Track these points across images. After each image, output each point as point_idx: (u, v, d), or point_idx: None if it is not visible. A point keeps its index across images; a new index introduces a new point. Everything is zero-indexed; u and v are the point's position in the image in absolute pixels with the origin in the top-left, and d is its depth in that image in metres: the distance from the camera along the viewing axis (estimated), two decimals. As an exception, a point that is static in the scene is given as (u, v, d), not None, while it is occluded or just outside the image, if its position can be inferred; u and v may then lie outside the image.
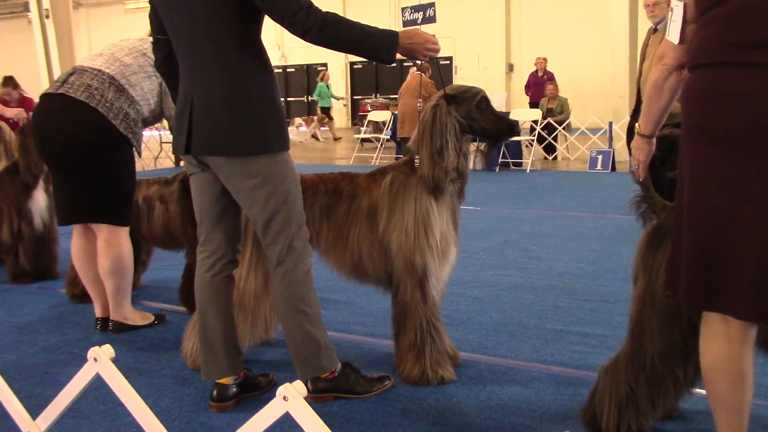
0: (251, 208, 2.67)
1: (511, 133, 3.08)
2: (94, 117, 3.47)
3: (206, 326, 2.83)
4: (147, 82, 3.63)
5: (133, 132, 3.60)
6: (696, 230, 2.01)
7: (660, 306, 2.28)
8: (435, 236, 2.93)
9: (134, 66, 3.60)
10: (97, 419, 2.77)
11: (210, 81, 2.59)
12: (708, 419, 2.19)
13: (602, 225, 6.67)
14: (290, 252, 2.70)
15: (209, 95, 2.59)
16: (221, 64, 2.57)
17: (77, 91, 3.49)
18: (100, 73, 3.55)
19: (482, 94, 3.00)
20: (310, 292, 2.76)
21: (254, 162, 2.59)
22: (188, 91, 2.65)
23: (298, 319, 2.74)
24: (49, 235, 5.13)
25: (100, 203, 3.65)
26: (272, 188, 2.62)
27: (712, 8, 1.99)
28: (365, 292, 4.08)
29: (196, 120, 2.62)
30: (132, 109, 3.57)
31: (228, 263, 2.84)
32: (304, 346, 2.77)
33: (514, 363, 3.28)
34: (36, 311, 4.32)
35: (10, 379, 2.05)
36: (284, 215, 2.66)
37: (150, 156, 13.24)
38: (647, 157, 2.44)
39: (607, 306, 4.10)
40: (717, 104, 1.94)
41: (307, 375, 2.81)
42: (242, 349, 2.99)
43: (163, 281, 4.89)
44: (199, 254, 2.85)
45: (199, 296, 2.84)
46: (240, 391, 2.87)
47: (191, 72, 2.65)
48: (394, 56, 2.60)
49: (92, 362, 1.82)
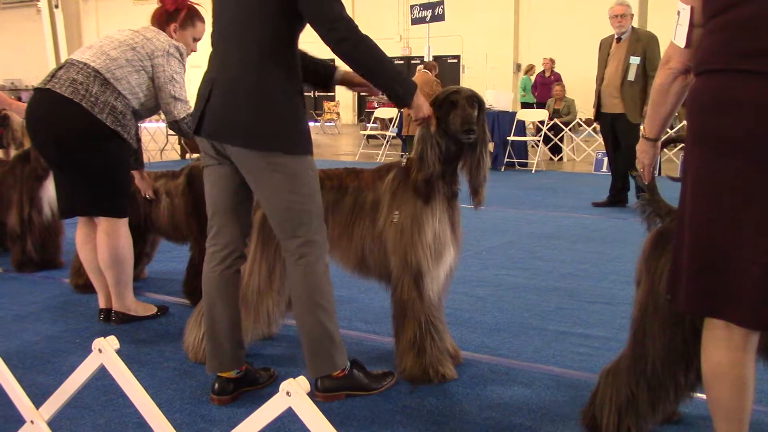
0: (271, 200, 2.68)
1: (465, 129, 2.81)
2: (78, 112, 3.47)
3: (213, 319, 2.84)
4: (135, 76, 3.61)
5: (122, 125, 3.58)
6: (698, 236, 2.01)
7: (662, 310, 2.28)
8: (427, 236, 2.92)
9: (121, 60, 3.58)
10: (98, 409, 2.79)
11: (240, 70, 2.62)
12: (708, 425, 2.19)
13: (607, 227, 6.66)
14: (312, 245, 2.72)
15: (234, 83, 2.62)
16: (255, 57, 2.60)
17: (62, 86, 3.49)
18: (86, 66, 3.55)
19: (452, 94, 2.89)
20: (329, 286, 2.78)
21: (278, 157, 2.61)
22: (214, 76, 2.68)
23: (317, 314, 2.74)
24: (56, 224, 5.15)
25: (94, 196, 3.66)
26: (295, 182, 2.65)
27: (719, 14, 1.99)
28: (368, 289, 4.09)
29: (213, 104, 2.65)
30: (119, 102, 3.56)
31: (238, 257, 2.85)
32: (321, 342, 2.77)
33: (515, 363, 3.28)
34: (40, 300, 4.34)
35: (13, 368, 2.06)
36: (306, 209, 2.68)
37: (156, 148, 13.25)
38: (652, 160, 2.45)
39: (610, 308, 4.11)
40: (720, 111, 1.94)
41: (321, 371, 2.80)
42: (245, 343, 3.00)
43: (167, 273, 4.90)
44: (208, 247, 2.85)
45: (208, 289, 2.85)
46: (241, 384, 2.89)
47: (223, 56, 2.68)
48: (406, 100, 2.73)
49: (96, 353, 1.83)
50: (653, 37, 7.38)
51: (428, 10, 12.03)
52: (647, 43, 7.31)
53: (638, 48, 7.29)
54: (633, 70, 7.27)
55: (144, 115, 3.78)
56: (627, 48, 7.35)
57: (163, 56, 3.63)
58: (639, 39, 7.34)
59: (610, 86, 7.51)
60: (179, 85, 3.68)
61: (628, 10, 7.35)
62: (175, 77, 3.66)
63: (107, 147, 3.58)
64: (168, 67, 3.63)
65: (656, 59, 7.17)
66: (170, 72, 3.64)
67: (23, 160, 5.00)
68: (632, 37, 7.37)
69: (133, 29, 3.74)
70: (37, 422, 1.96)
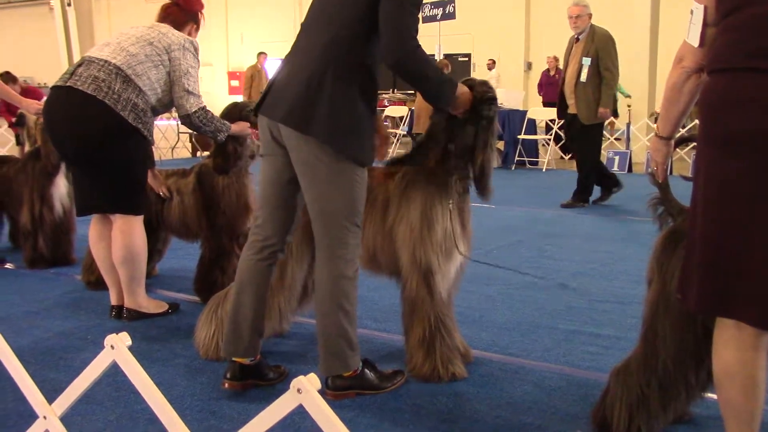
0: (316, 194, 2.71)
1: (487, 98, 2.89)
2: (101, 110, 3.49)
3: (239, 306, 2.89)
4: (154, 71, 3.64)
5: (143, 122, 3.61)
6: (709, 235, 2.00)
7: (674, 309, 2.27)
8: (437, 233, 2.93)
9: (141, 56, 3.61)
10: (110, 405, 2.80)
11: (321, 64, 2.66)
12: (719, 425, 2.18)
13: (617, 226, 6.64)
14: (344, 247, 2.74)
15: (313, 75, 2.65)
16: (341, 55, 2.66)
17: (84, 84, 3.51)
18: (107, 63, 3.57)
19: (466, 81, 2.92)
20: (355, 291, 2.79)
21: (330, 152, 2.64)
22: (293, 59, 2.76)
23: (339, 316, 2.76)
24: (67, 221, 5.17)
25: (112, 193, 3.68)
26: (342, 181, 2.68)
27: (733, 12, 1.98)
28: (377, 287, 4.09)
29: (279, 86, 2.73)
30: (140, 99, 3.59)
31: (276, 251, 2.90)
32: (337, 343, 2.78)
33: (525, 362, 3.28)
34: (52, 297, 4.36)
35: (25, 363, 2.07)
36: (347, 210, 2.70)
37: (167, 146, 13.29)
38: (665, 159, 2.44)
39: (620, 307, 4.09)
40: (730, 110, 1.94)
41: (333, 370, 2.82)
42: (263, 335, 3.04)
43: (178, 271, 4.92)
44: (250, 235, 2.92)
45: (240, 275, 2.91)
46: (252, 374, 2.93)
47: (306, 46, 2.74)
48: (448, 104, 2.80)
49: (109, 349, 1.84)
50: (608, 37, 7.31)
51: (439, 8, 12.00)
52: (600, 44, 7.25)
53: (591, 48, 7.26)
54: (585, 71, 7.25)
55: (160, 110, 3.81)
56: (582, 48, 7.35)
57: (179, 50, 3.66)
58: (593, 39, 7.29)
59: (568, 86, 7.52)
60: (193, 79, 3.70)
61: (583, 11, 7.34)
62: (190, 71, 3.69)
63: (127, 144, 3.61)
64: (184, 60, 3.66)
65: (607, 59, 7.17)
66: (186, 66, 3.67)
67: (35, 157, 5.02)
68: (588, 37, 7.34)
69: (146, 25, 3.77)
70: (50, 417, 1.97)
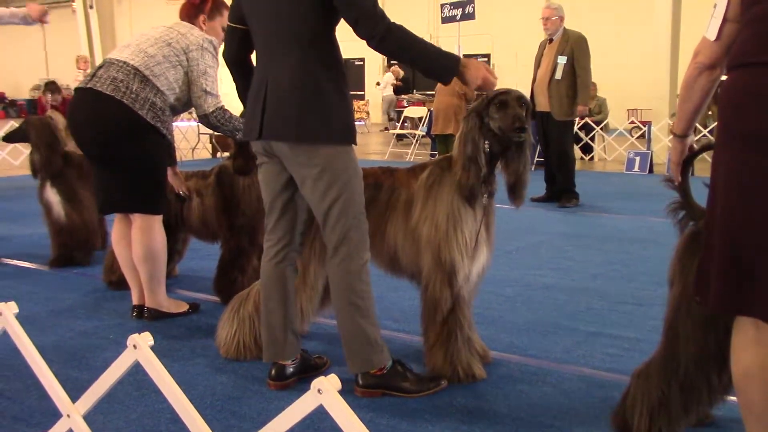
0: (312, 195, 2.75)
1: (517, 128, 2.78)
2: (120, 109, 3.56)
3: (268, 310, 2.95)
4: (172, 72, 3.70)
5: (162, 120, 3.68)
6: (728, 233, 1.97)
7: (696, 311, 2.25)
8: (464, 234, 2.92)
9: (158, 56, 3.67)
10: (131, 404, 2.83)
11: (283, 69, 2.69)
12: (741, 428, 2.16)
13: (637, 227, 6.60)
14: (346, 242, 2.76)
15: (281, 83, 2.69)
16: (296, 54, 2.68)
17: (104, 85, 3.59)
18: (125, 65, 3.64)
19: (502, 94, 2.85)
20: (364, 284, 2.81)
21: (317, 151, 2.68)
22: (263, 77, 2.76)
23: (350, 312, 2.79)
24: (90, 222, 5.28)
25: (132, 192, 3.74)
26: (332, 178, 2.70)
27: (755, 4, 1.95)
28: (397, 287, 4.09)
29: (270, 105, 2.72)
30: (158, 98, 3.65)
31: (291, 252, 2.95)
32: (354, 339, 2.82)
33: (545, 363, 3.27)
34: (74, 296, 4.41)
35: (48, 362, 2.09)
36: (342, 205, 2.73)
37: (188, 146, 13.37)
38: (680, 158, 2.42)
39: (640, 309, 4.07)
40: (750, 106, 1.90)
41: (356, 368, 2.85)
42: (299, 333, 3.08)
43: (198, 271, 4.95)
44: (265, 243, 2.97)
45: (264, 282, 2.97)
46: (297, 371, 2.99)
47: (268, 59, 2.76)
48: (450, 78, 2.72)
49: (131, 349, 1.85)
50: (583, 39, 7.76)
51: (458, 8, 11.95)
52: (575, 44, 7.69)
53: (566, 48, 7.70)
54: (560, 69, 7.68)
55: (180, 109, 3.87)
56: (557, 48, 7.78)
57: (197, 50, 3.70)
58: (568, 40, 7.75)
59: (540, 85, 7.91)
60: (211, 79, 3.74)
61: (554, 13, 7.80)
62: (208, 71, 3.73)
63: (146, 142, 3.67)
64: (202, 61, 3.71)
65: (583, 58, 7.66)
66: (204, 66, 3.71)
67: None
68: (562, 38, 7.80)
69: (167, 26, 3.81)
70: (74, 416, 1.99)
